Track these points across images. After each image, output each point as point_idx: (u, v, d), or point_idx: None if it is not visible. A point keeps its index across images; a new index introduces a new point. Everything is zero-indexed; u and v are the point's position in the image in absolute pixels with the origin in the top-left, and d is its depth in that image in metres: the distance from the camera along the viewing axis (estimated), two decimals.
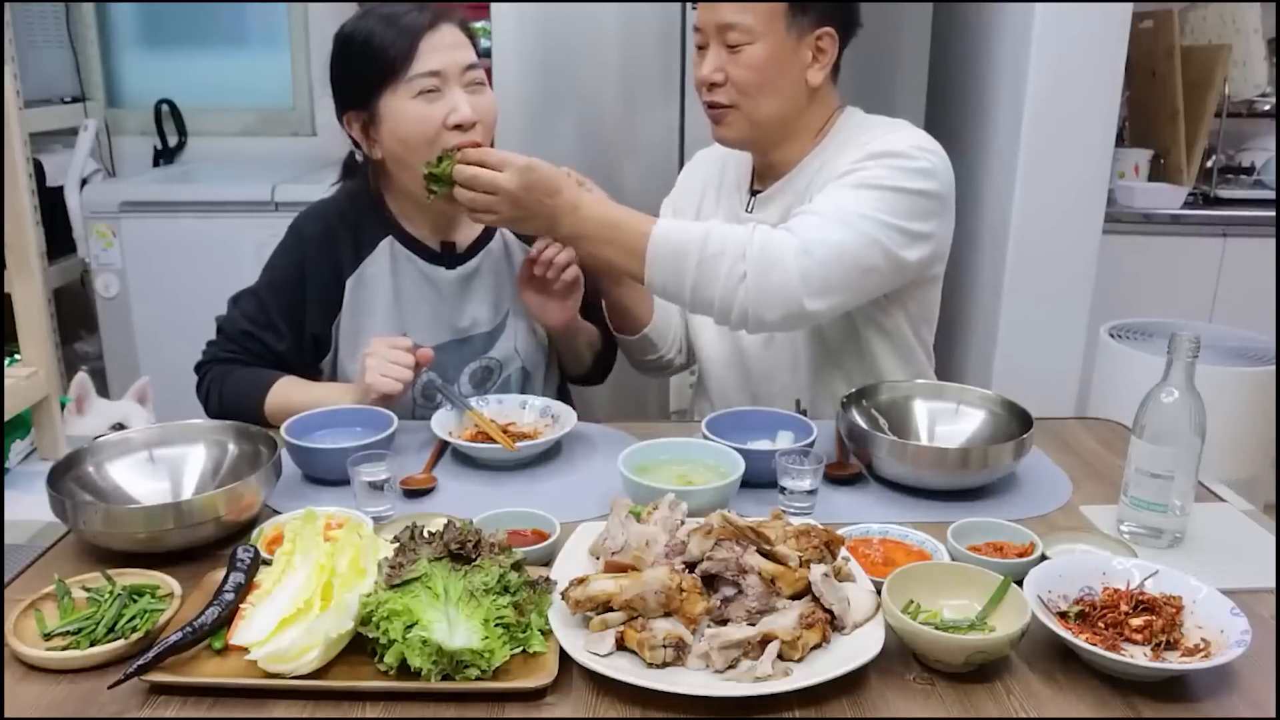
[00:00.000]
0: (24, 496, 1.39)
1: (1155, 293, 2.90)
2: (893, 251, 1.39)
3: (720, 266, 1.32)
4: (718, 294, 1.33)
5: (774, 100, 1.48)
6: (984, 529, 1.12)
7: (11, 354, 1.56)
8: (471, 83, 1.45)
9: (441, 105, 1.41)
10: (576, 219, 1.35)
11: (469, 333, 1.58)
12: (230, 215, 2.90)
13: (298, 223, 1.58)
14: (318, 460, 1.31)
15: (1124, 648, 0.92)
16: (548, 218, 1.35)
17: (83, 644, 0.92)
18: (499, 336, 1.59)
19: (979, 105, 2.73)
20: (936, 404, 1.43)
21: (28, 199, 1.47)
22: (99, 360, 3.09)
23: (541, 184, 1.32)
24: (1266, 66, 3.12)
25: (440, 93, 1.41)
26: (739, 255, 1.32)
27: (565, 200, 1.34)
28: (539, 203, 1.33)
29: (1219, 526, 1.20)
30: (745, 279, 1.32)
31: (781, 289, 1.33)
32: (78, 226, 3.04)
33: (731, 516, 0.99)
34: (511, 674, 0.89)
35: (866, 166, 1.42)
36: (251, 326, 1.54)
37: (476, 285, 1.58)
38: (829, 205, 1.40)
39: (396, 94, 1.42)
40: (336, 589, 0.92)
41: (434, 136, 1.41)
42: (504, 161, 1.32)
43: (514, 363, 1.61)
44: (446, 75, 1.42)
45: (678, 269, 1.33)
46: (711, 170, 1.70)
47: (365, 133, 1.49)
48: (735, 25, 1.43)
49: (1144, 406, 1.14)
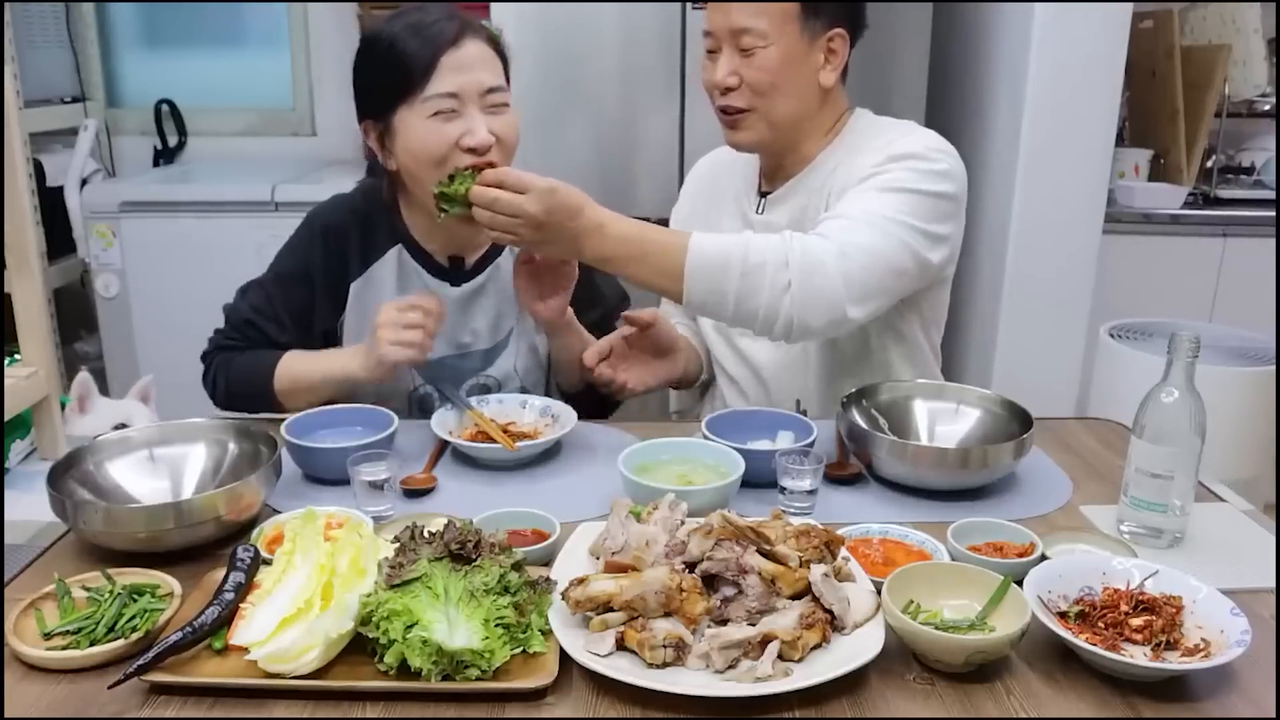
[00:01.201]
0: (24, 496, 1.39)
1: (1155, 293, 2.90)
2: (920, 254, 1.39)
3: (764, 277, 1.29)
4: (763, 304, 1.30)
5: (789, 102, 1.48)
6: (984, 529, 1.12)
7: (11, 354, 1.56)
8: (493, 105, 1.41)
9: (457, 126, 1.38)
10: (602, 240, 1.29)
11: (469, 348, 1.57)
12: (230, 215, 2.90)
13: (311, 217, 1.58)
14: (318, 460, 1.31)
15: (1124, 648, 0.92)
16: (571, 240, 1.29)
17: (83, 644, 0.92)
18: (499, 354, 1.59)
19: (979, 105, 2.73)
20: (936, 404, 1.43)
21: (28, 199, 1.47)
22: (99, 360, 3.09)
23: (563, 206, 1.26)
24: (1266, 66, 3.12)
25: (458, 114, 1.39)
26: (781, 264, 1.30)
27: (588, 221, 1.28)
28: (562, 225, 1.27)
29: (1219, 526, 1.20)
30: (790, 288, 1.29)
31: (826, 295, 1.31)
32: (78, 226, 3.05)
33: (731, 516, 0.99)
34: (511, 674, 0.89)
35: (889, 169, 1.42)
36: (255, 316, 1.55)
37: (480, 301, 1.57)
38: (856, 209, 1.39)
39: (413, 110, 1.39)
40: (337, 589, 0.92)
41: (446, 156, 1.38)
42: (525, 184, 1.26)
43: (512, 382, 1.60)
44: (464, 97, 1.39)
45: (719, 283, 1.30)
46: (717, 175, 1.70)
47: (381, 143, 1.47)
48: (750, 29, 1.43)
49: (1144, 406, 1.14)
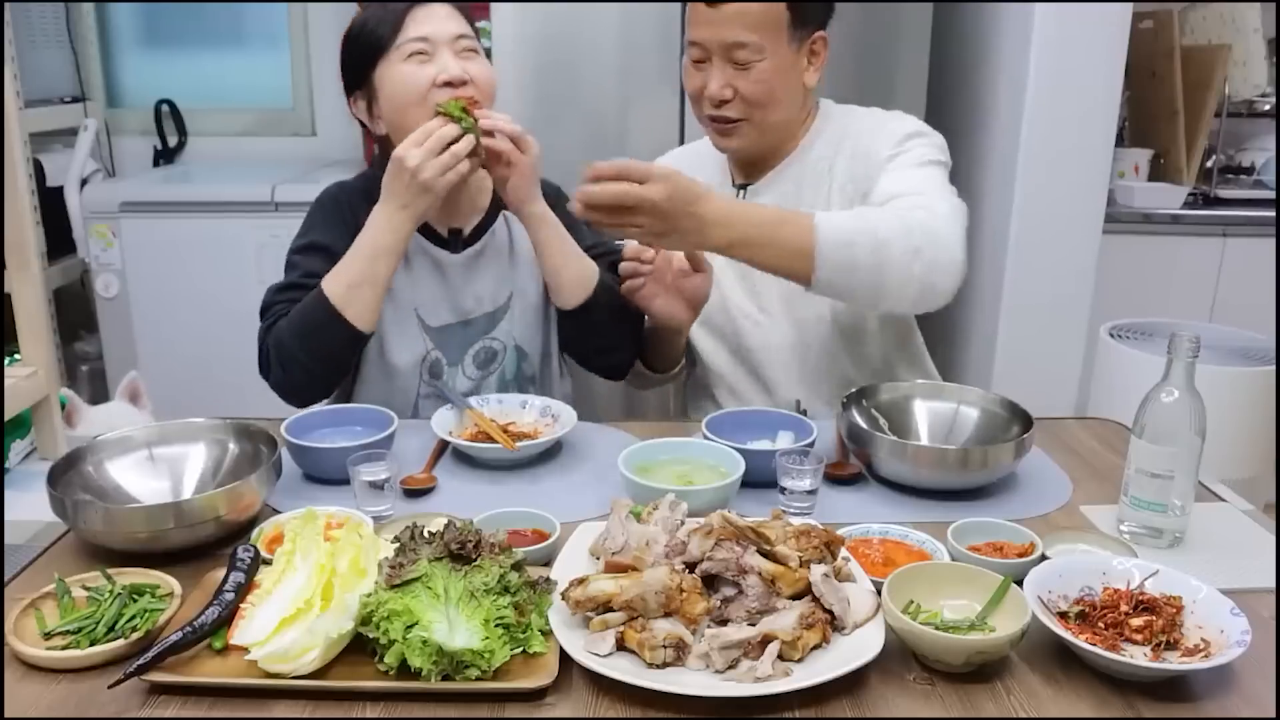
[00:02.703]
0: (24, 496, 1.39)
1: (1155, 293, 2.90)
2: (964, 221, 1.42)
3: (892, 249, 1.27)
4: (895, 275, 1.28)
5: (781, 110, 1.52)
6: (984, 529, 1.12)
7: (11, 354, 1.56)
8: (464, 50, 1.46)
9: (431, 67, 1.43)
10: (729, 226, 1.25)
11: (472, 314, 1.58)
12: (230, 215, 2.90)
13: (320, 195, 1.59)
14: (318, 460, 1.31)
15: (1124, 648, 0.92)
16: (695, 229, 1.24)
17: (83, 643, 0.92)
18: (501, 318, 1.59)
19: (979, 105, 2.73)
20: (936, 404, 1.43)
21: (28, 199, 1.47)
22: (99, 360, 3.09)
23: (683, 192, 1.22)
24: (1266, 66, 3.12)
25: (429, 56, 1.43)
26: (905, 232, 1.29)
27: (713, 208, 1.24)
28: (685, 214, 1.22)
29: (1219, 526, 1.20)
30: (920, 254, 1.28)
31: (951, 257, 1.33)
32: (78, 226, 3.04)
33: (731, 516, 0.99)
34: (512, 674, 0.89)
35: (911, 147, 1.47)
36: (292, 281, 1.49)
37: (481, 267, 1.58)
38: (911, 184, 1.41)
39: (389, 61, 1.44)
40: (337, 589, 0.92)
41: (424, 94, 1.42)
42: (646, 173, 1.21)
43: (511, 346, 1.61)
44: (435, 41, 1.44)
45: (850, 258, 1.27)
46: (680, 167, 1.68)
47: (369, 111, 1.51)
48: (745, 44, 1.44)
49: (1144, 406, 1.14)
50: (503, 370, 1.60)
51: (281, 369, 1.44)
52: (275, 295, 1.49)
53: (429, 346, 1.56)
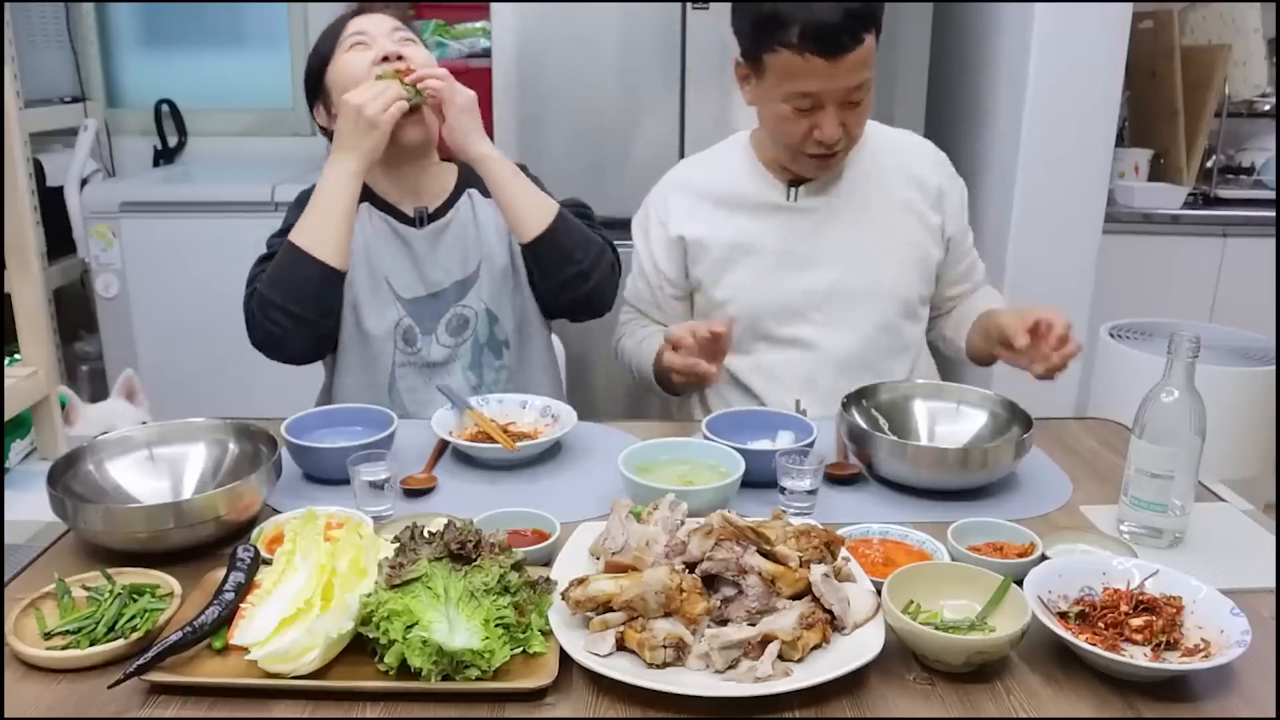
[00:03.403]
0: (24, 496, 1.39)
1: (1155, 293, 2.90)
2: None
3: None
4: None
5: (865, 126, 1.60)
6: (984, 529, 1.12)
7: (11, 354, 1.56)
8: (401, 39, 1.57)
9: (370, 53, 1.54)
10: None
11: (442, 285, 1.63)
12: (230, 215, 2.90)
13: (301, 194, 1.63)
14: (318, 460, 1.31)
15: (1124, 648, 0.92)
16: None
17: (82, 643, 0.92)
18: (472, 285, 1.63)
19: (979, 106, 2.73)
20: (936, 404, 1.43)
21: (28, 199, 1.47)
22: (99, 360, 3.09)
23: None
24: (1266, 66, 3.12)
25: (368, 45, 1.55)
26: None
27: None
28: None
29: (1219, 526, 1.20)
30: None
31: None
32: (78, 226, 3.04)
33: (731, 516, 0.99)
34: (512, 674, 0.89)
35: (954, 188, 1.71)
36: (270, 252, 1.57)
37: (447, 239, 1.63)
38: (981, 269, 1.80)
39: (335, 58, 1.57)
40: (337, 589, 0.92)
41: (365, 75, 1.52)
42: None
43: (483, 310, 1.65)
44: (373, 34, 1.56)
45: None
46: (714, 176, 1.68)
47: (327, 113, 1.62)
48: (861, 84, 1.48)
49: (1144, 406, 1.14)
50: (475, 335, 1.63)
51: (265, 320, 1.48)
52: (256, 268, 1.57)
53: (401, 313, 1.61)
